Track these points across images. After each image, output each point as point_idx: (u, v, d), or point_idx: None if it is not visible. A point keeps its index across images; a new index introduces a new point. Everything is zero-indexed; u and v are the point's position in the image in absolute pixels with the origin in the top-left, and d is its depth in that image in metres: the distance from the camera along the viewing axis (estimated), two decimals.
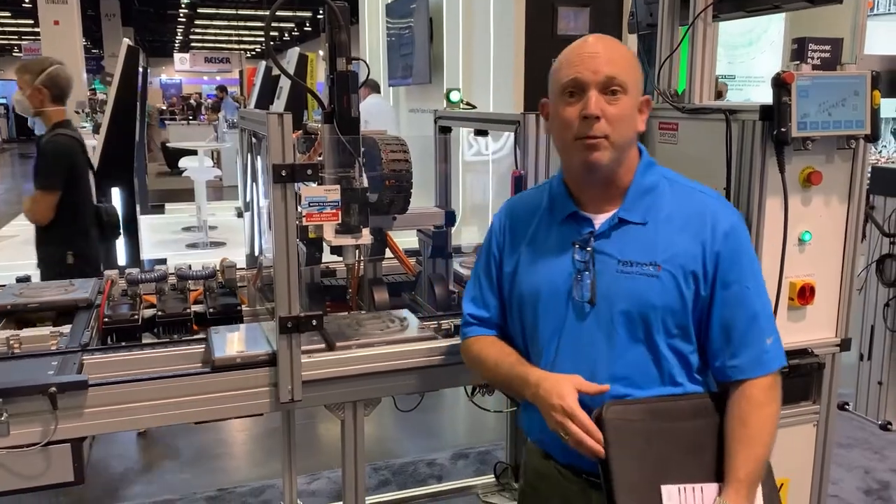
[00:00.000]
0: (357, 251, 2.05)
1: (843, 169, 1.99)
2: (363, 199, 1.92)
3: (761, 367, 1.47)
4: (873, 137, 1.94)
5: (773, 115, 1.84)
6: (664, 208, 1.49)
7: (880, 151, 8.11)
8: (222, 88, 18.65)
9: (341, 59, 1.88)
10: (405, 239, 2.52)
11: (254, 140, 2.24)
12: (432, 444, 3.88)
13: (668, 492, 1.40)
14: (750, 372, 1.46)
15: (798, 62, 1.92)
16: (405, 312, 2.15)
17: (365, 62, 2.12)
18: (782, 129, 1.84)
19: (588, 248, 1.48)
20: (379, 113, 8.03)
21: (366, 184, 1.94)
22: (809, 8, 1.95)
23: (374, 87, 8.37)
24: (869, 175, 4.12)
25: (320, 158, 1.92)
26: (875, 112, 1.92)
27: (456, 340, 1.98)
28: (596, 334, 1.47)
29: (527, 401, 1.53)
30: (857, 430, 3.88)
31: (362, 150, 2.06)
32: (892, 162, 7.52)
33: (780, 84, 1.84)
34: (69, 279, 2.38)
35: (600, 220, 1.51)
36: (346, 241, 1.89)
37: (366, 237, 1.93)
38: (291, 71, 6.50)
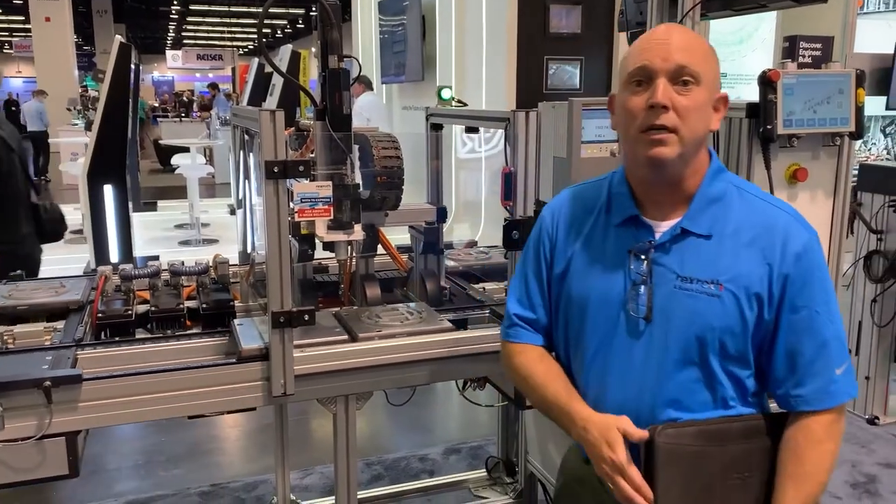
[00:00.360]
0: (349, 247, 2.07)
1: (829, 165, 2.02)
2: (355, 196, 1.94)
3: (829, 398, 1.36)
4: (858, 135, 1.98)
5: (760, 113, 1.88)
6: (731, 221, 1.37)
7: (870, 149, 8.16)
8: (214, 86, 18.64)
9: (333, 56, 1.90)
10: (397, 236, 2.54)
11: (246, 137, 2.25)
12: (425, 440, 3.91)
13: None
14: (816, 403, 1.36)
15: (785, 60, 1.95)
16: (422, 305, 2.18)
17: (357, 60, 2.14)
18: (768, 127, 1.88)
19: (646, 259, 1.38)
20: (376, 109, 8.11)
21: (358, 180, 1.96)
22: (795, 7, 1.98)
23: (368, 84, 8.40)
24: (857, 172, 4.16)
25: (312, 155, 1.94)
26: (859, 110, 1.96)
27: (465, 334, 2.02)
28: (647, 352, 1.38)
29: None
30: (845, 425, 3.92)
31: (356, 147, 2.08)
32: (882, 159, 7.57)
33: (766, 82, 1.87)
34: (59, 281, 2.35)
35: (662, 228, 1.39)
36: (338, 236, 1.91)
37: (357, 233, 1.95)
38: (284, 68, 6.49)
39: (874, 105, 6.33)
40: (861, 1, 7.29)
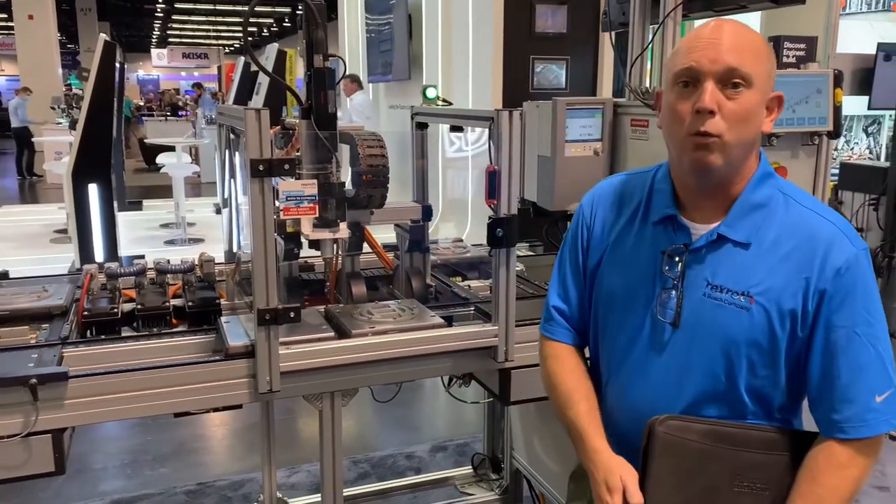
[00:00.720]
0: (335, 245, 2.08)
1: (808, 164, 2.05)
2: (340, 194, 1.95)
3: (865, 427, 1.27)
4: (836, 134, 2.01)
5: None
6: (772, 230, 1.30)
7: (852, 148, 8.25)
8: (199, 85, 18.61)
9: (318, 55, 1.91)
10: (383, 235, 2.55)
11: (232, 136, 2.26)
12: (411, 438, 3.92)
13: None
14: (851, 431, 1.27)
15: None
16: (413, 301, 2.20)
17: (342, 59, 2.15)
18: None
19: (679, 262, 1.33)
20: (370, 108, 8.19)
21: (343, 178, 1.97)
22: (774, 8, 2.01)
23: (360, 83, 8.45)
24: (838, 171, 4.22)
25: (298, 154, 1.95)
26: (837, 109, 1.99)
27: (454, 330, 2.04)
28: (670, 358, 1.35)
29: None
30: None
31: (343, 146, 2.09)
32: (864, 158, 7.66)
33: None
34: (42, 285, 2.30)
35: (700, 231, 1.34)
36: (324, 234, 1.93)
37: (343, 231, 1.97)
38: (270, 67, 6.49)
39: (856, 105, 6.39)
40: (843, 1, 7.36)
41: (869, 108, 6.62)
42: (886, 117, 7.13)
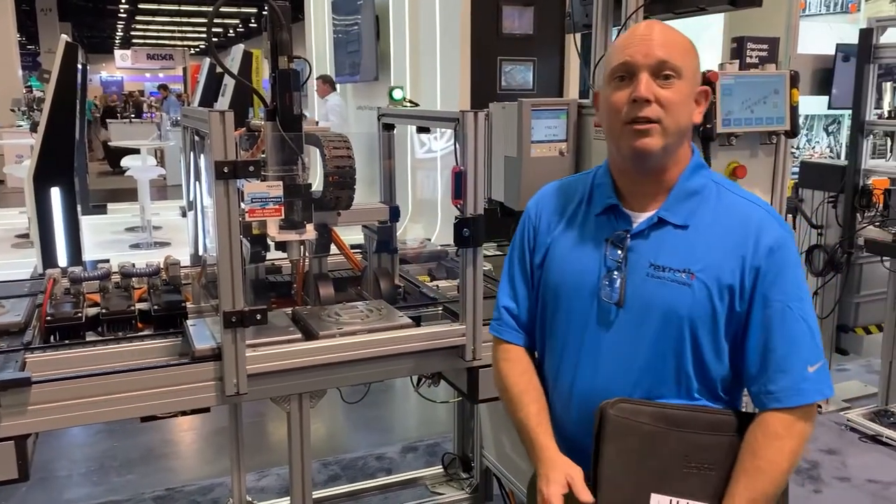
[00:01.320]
0: (302, 247, 2.08)
1: (766, 163, 2.10)
2: (307, 196, 1.95)
3: (799, 396, 1.34)
4: (793, 133, 2.06)
5: None
6: (707, 214, 1.40)
7: (813, 147, 8.41)
8: (164, 87, 18.38)
9: (283, 57, 1.91)
10: (351, 236, 2.55)
11: (197, 138, 2.24)
12: (382, 439, 3.92)
13: (658, 501, 1.35)
14: (786, 400, 1.34)
15: (726, 62, 2.02)
16: (381, 302, 2.21)
17: (307, 61, 2.15)
18: (708, 126, 1.95)
19: (621, 248, 1.41)
20: (343, 110, 8.15)
21: (309, 180, 1.97)
22: (732, 10, 2.06)
23: (333, 84, 8.42)
24: (798, 169, 4.31)
25: (263, 156, 1.94)
26: (794, 109, 2.04)
27: (423, 329, 2.05)
28: (617, 340, 1.41)
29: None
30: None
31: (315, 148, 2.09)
32: (825, 157, 7.82)
33: (705, 83, 1.93)
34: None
35: (640, 218, 1.42)
36: (290, 236, 1.93)
37: (310, 233, 1.97)
38: (236, 68, 6.43)
39: (817, 104, 6.51)
40: (803, 3, 7.51)
41: (829, 108, 6.74)
42: (845, 117, 7.29)
